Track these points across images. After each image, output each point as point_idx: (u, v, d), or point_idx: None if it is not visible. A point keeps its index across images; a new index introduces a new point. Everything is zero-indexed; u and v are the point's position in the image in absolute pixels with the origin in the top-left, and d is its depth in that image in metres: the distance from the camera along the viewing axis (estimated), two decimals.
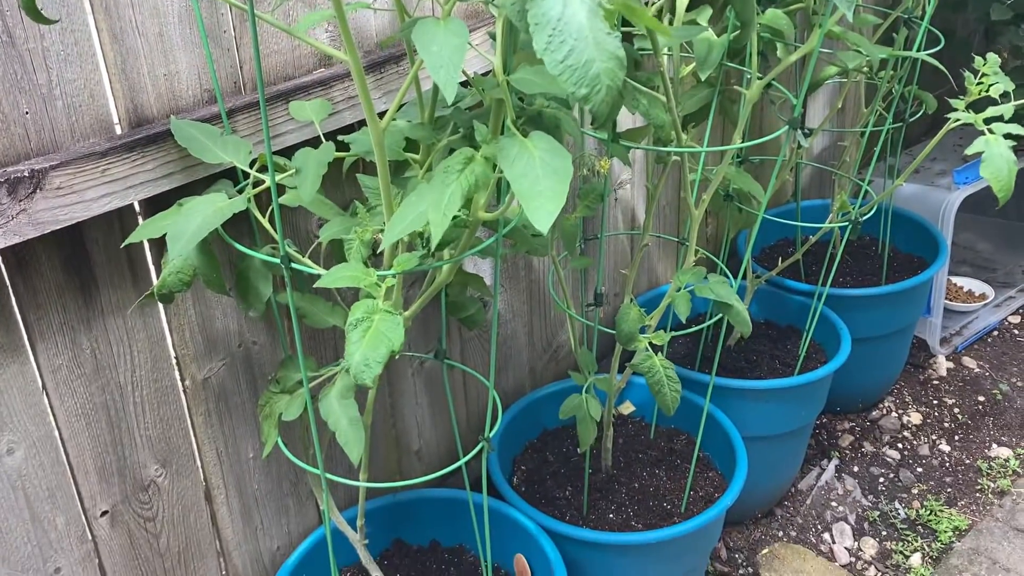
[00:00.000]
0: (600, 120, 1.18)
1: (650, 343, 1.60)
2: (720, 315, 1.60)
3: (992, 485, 2.30)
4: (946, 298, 2.81)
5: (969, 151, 1.48)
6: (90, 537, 1.35)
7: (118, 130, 1.21)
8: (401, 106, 1.26)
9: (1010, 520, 2.14)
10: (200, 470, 1.48)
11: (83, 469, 1.31)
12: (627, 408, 2.05)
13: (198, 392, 1.43)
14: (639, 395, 2.04)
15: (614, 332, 1.59)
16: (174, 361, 1.39)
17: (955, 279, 2.98)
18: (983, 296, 2.92)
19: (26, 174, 1.07)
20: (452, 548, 1.73)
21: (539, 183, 0.84)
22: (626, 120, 2.06)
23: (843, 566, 2.11)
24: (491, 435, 1.36)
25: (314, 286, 1.11)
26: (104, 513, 1.36)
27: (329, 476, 1.33)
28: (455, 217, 1.10)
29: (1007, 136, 1.49)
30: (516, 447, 1.96)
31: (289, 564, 1.57)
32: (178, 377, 1.40)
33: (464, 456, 1.37)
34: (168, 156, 1.20)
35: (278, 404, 1.36)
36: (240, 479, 1.53)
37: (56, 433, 1.27)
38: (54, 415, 1.26)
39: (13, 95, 1.10)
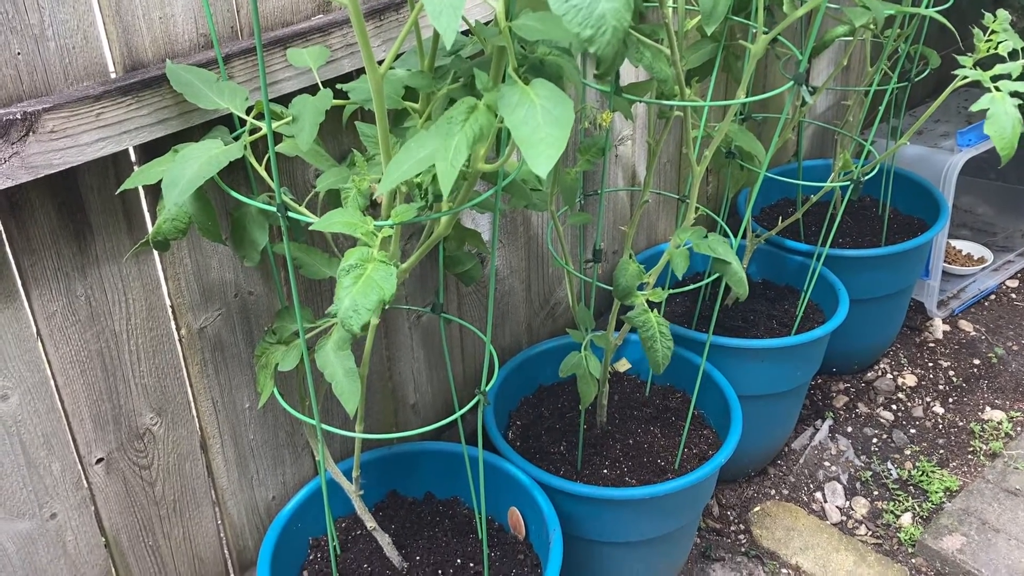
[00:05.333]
0: (604, 65, 1.16)
1: (647, 300, 1.60)
2: (718, 274, 1.59)
3: (984, 447, 2.32)
4: (945, 261, 2.80)
5: (974, 108, 1.46)
6: (86, 484, 1.36)
7: (112, 74, 1.19)
8: (401, 55, 1.24)
9: (1001, 482, 2.16)
10: (196, 419, 1.48)
11: (78, 416, 1.31)
12: (623, 365, 2.05)
13: (194, 341, 1.43)
14: (636, 352, 2.04)
15: (612, 288, 1.59)
16: (170, 310, 1.39)
17: (954, 242, 2.97)
18: (982, 260, 2.91)
19: (18, 116, 1.06)
20: (447, 500, 1.74)
21: (540, 130, 0.82)
22: (629, 74, 2.04)
23: (834, 524, 2.13)
24: (487, 389, 1.35)
25: (309, 228, 1.10)
26: (99, 460, 1.36)
27: (325, 427, 1.33)
28: None
29: (1013, 94, 1.48)
30: (512, 402, 1.96)
31: (284, 514, 1.58)
32: (174, 326, 1.40)
33: (460, 409, 1.37)
34: (163, 101, 1.18)
35: (274, 355, 1.36)
36: (236, 429, 1.54)
37: (51, 380, 1.27)
38: (49, 362, 1.26)
39: (4, 35, 1.07)
